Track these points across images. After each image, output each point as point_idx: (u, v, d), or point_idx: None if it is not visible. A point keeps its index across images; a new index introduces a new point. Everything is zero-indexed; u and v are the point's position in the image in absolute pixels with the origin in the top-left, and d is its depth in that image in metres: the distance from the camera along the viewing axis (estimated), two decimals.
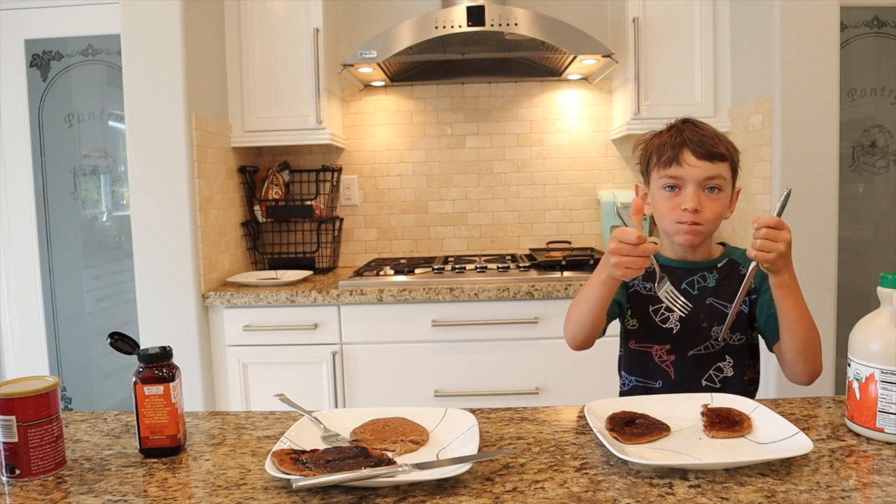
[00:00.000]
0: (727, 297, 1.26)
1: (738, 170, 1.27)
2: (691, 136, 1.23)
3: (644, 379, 1.30)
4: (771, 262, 1.08)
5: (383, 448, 0.94)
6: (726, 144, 1.25)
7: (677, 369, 1.27)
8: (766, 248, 1.07)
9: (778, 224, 1.08)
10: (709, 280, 1.29)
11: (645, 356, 1.30)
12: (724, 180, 1.23)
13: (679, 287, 1.27)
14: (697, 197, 1.22)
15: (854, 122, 2.50)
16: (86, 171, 2.70)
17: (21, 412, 0.88)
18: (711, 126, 1.29)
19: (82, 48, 2.65)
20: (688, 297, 1.26)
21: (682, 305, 1.15)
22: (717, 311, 1.26)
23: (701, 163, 1.21)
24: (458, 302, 2.26)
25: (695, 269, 1.29)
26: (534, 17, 2.34)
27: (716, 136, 1.25)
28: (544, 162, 2.93)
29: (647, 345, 1.30)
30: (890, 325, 0.93)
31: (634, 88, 2.51)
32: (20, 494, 0.85)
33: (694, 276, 1.29)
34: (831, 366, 2.22)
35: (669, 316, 1.28)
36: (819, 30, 2.16)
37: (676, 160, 1.23)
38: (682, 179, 1.23)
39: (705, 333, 1.26)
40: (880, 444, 0.92)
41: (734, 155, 1.26)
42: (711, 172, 1.22)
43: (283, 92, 2.55)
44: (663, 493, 0.78)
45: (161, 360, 0.97)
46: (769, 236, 1.07)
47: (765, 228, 1.07)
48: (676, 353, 1.27)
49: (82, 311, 2.72)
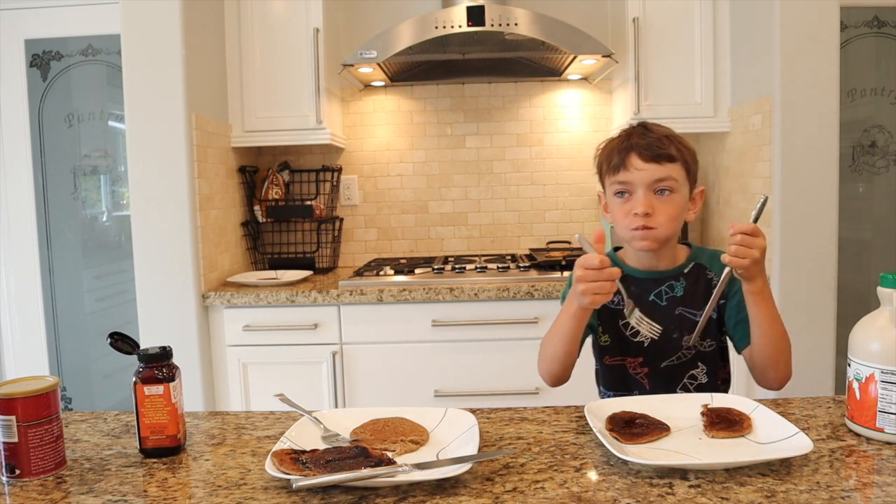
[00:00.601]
0: (696, 304, 1.25)
1: (693, 170, 1.25)
2: (638, 140, 1.21)
3: (622, 392, 1.30)
4: (745, 269, 1.07)
5: (383, 448, 0.94)
6: (677, 145, 1.22)
7: (652, 381, 1.27)
8: (741, 255, 1.06)
9: (754, 231, 1.06)
10: (676, 289, 1.27)
11: (620, 370, 1.30)
12: (676, 181, 1.20)
13: (647, 299, 1.27)
14: (648, 200, 1.19)
15: (854, 122, 2.50)
16: (86, 171, 2.70)
17: (21, 412, 0.88)
18: (666, 128, 1.26)
19: (82, 48, 2.65)
20: (656, 308, 1.25)
21: (648, 329, 1.15)
22: (687, 321, 1.25)
23: (648, 165, 1.19)
24: (458, 302, 2.26)
25: (661, 278, 1.28)
26: (534, 17, 2.34)
27: (666, 137, 1.22)
28: (544, 162, 2.93)
29: (621, 358, 1.29)
30: (890, 325, 0.93)
31: (634, 88, 2.51)
32: (20, 494, 0.85)
33: (661, 286, 1.27)
34: (831, 366, 2.22)
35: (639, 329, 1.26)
36: (819, 30, 2.16)
37: (624, 165, 1.21)
38: (632, 184, 1.21)
39: (676, 344, 1.25)
40: (880, 444, 0.92)
41: (686, 155, 1.23)
42: (660, 174, 1.19)
43: (283, 92, 2.55)
44: (663, 493, 0.78)
45: (161, 360, 0.97)
46: (745, 242, 1.06)
47: (740, 235, 1.06)
48: (650, 366, 1.27)
49: (82, 311, 2.72)
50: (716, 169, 2.75)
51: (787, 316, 2.23)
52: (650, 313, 1.24)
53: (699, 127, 2.60)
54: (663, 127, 1.26)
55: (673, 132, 1.25)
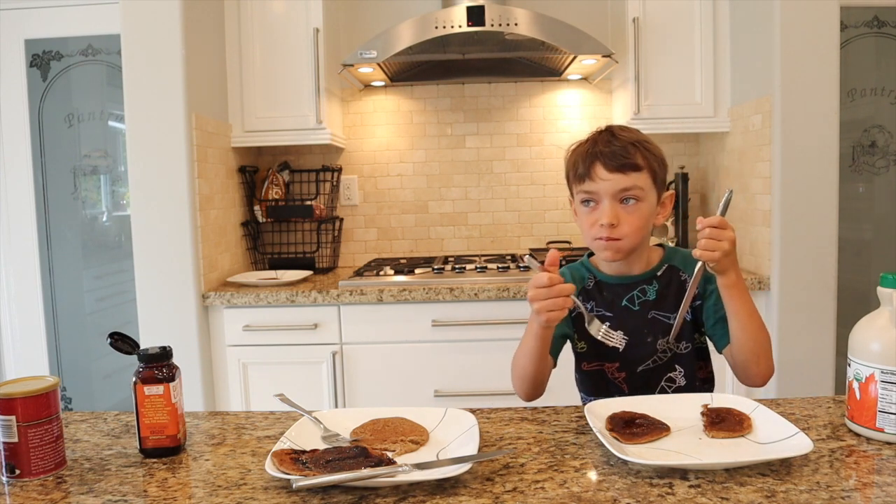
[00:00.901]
0: (669, 307, 1.24)
1: (660, 175, 1.23)
2: (603, 148, 1.19)
3: (602, 396, 1.26)
4: (716, 262, 1.07)
5: (383, 448, 0.94)
6: (644, 152, 1.20)
7: (630, 385, 1.26)
8: (711, 248, 1.06)
9: (721, 223, 1.06)
10: (649, 293, 1.26)
11: (599, 375, 1.29)
12: (642, 190, 1.19)
13: (619, 304, 1.26)
14: (613, 211, 1.18)
15: (854, 122, 2.50)
16: (86, 171, 2.70)
17: (21, 412, 0.88)
18: (633, 132, 1.23)
19: (82, 48, 2.65)
20: (629, 313, 1.25)
21: (619, 340, 1.13)
22: (661, 324, 1.24)
23: (613, 175, 1.17)
24: (458, 302, 2.26)
25: (633, 283, 1.27)
26: (534, 17, 2.34)
27: (632, 144, 1.19)
28: (544, 162, 2.93)
29: (599, 364, 1.29)
30: (890, 325, 0.93)
31: (634, 88, 2.51)
32: (20, 494, 0.85)
33: (633, 291, 1.27)
34: (831, 366, 2.22)
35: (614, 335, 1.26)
36: (819, 30, 2.17)
37: (588, 174, 1.19)
38: (597, 194, 1.20)
39: (651, 348, 1.24)
40: (880, 444, 0.92)
41: (653, 162, 1.20)
42: (625, 184, 1.17)
43: (283, 92, 2.55)
44: (663, 493, 0.78)
45: (161, 360, 0.97)
46: (713, 235, 1.06)
47: (708, 228, 1.06)
48: (626, 370, 1.26)
49: (82, 311, 2.72)
50: (716, 169, 2.75)
51: (787, 316, 2.25)
52: (623, 318, 1.25)
53: (699, 127, 2.60)
54: (631, 131, 1.23)
55: (640, 137, 1.22)
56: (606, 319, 1.25)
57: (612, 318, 1.26)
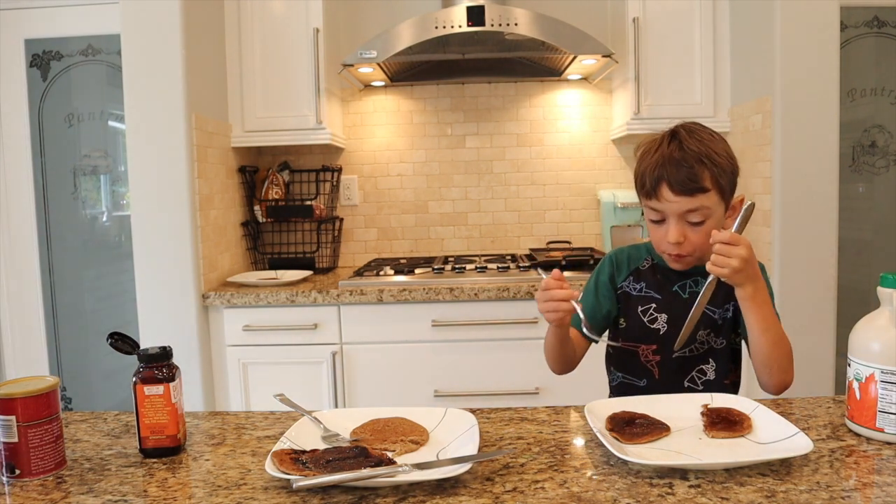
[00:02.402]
0: (715, 301, 1.25)
1: (729, 188, 1.20)
2: (669, 168, 1.16)
3: (630, 377, 1.31)
4: (726, 277, 1.08)
5: (383, 448, 0.94)
6: (711, 169, 1.16)
7: (662, 369, 1.28)
8: (720, 264, 1.07)
9: (732, 240, 1.06)
10: (700, 285, 1.22)
11: (632, 354, 1.31)
12: (709, 209, 1.17)
13: (670, 289, 1.28)
14: (679, 230, 1.18)
15: (854, 122, 2.50)
16: (86, 171, 2.70)
17: (21, 412, 0.88)
18: (702, 142, 1.18)
19: (82, 48, 2.65)
20: (676, 299, 1.27)
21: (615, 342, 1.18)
22: (705, 316, 1.25)
23: (679, 198, 1.16)
24: (458, 302, 2.26)
25: (689, 272, 1.28)
26: (534, 17, 2.34)
27: (699, 160, 1.15)
28: (544, 162, 2.93)
29: (635, 344, 1.30)
30: (890, 325, 0.93)
31: (634, 88, 2.51)
32: (20, 494, 0.85)
33: (687, 279, 1.28)
34: (831, 366, 2.22)
35: (658, 316, 1.28)
36: (819, 30, 2.17)
37: (655, 194, 1.18)
38: (663, 212, 1.20)
39: (691, 337, 1.25)
40: (880, 444, 0.92)
41: (721, 178, 1.17)
42: (691, 206, 1.16)
43: (283, 92, 2.55)
44: (663, 493, 0.78)
45: (161, 360, 0.97)
46: (722, 252, 1.06)
47: (718, 244, 1.06)
48: (662, 354, 1.28)
49: (82, 310, 2.72)
50: None
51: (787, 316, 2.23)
52: (669, 303, 1.28)
53: None
54: (700, 138, 1.19)
55: (709, 150, 1.17)
56: (653, 301, 1.29)
57: (660, 301, 1.29)
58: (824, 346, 2.21)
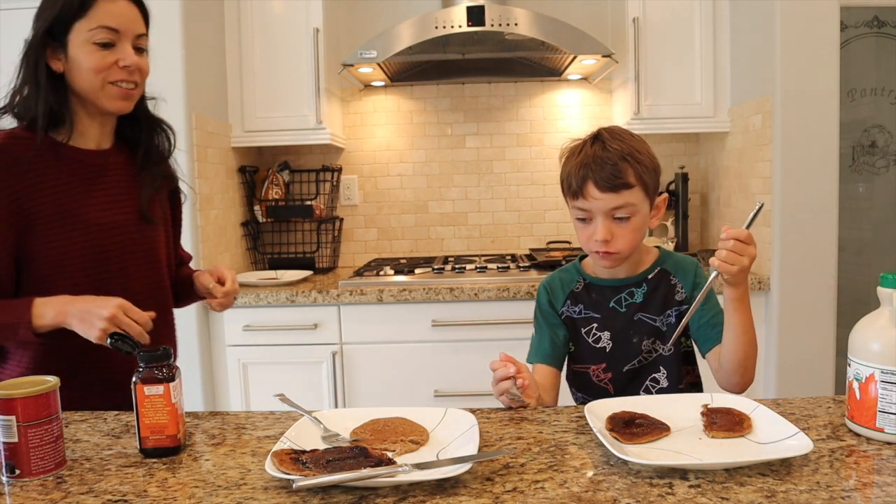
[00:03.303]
0: (654, 310, 1.27)
1: (652, 185, 1.22)
2: (594, 167, 1.18)
3: (589, 396, 1.31)
4: (733, 275, 1.07)
5: (383, 448, 0.94)
6: (635, 166, 1.18)
7: (615, 385, 1.29)
8: (732, 261, 1.05)
9: (747, 238, 1.05)
10: (636, 296, 1.28)
11: (584, 376, 1.32)
12: (634, 206, 1.19)
13: (607, 305, 1.29)
14: (606, 228, 1.19)
15: (854, 122, 2.50)
16: None
17: (21, 412, 0.88)
18: (624, 142, 1.21)
19: None
20: (615, 315, 1.28)
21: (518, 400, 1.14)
22: (647, 326, 1.26)
23: (604, 195, 1.18)
24: (458, 302, 2.26)
25: (622, 286, 1.29)
26: (534, 17, 2.34)
27: (622, 158, 1.18)
28: (544, 162, 2.93)
29: (585, 366, 1.31)
30: (890, 325, 0.93)
31: (634, 88, 2.51)
32: (20, 494, 0.85)
33: (621, 293, 1.29)
34: (831, 366, 2.22)
35: (601, 335, 1.29)
36: (819, 30, 2.17)
37: (581, 193, 1.20)
38: (590, 211, 1.20)
39: (636, 349, 1.26)
40: (880, 444, 0.92)
41: (645, 175, 1.20)
42: (617, 203, 1.18)
43: (283, 92, 2.55)
44: (663, 493, 0.78)
45: (161, 360, 0.97)
46: (737, 249, 1.05)
47: (734, 241, 1.05)
48: (612, 371, 1.28)
49: None
50: (716, 169, 2.75)
51: (787, 316, 2.25)
52: (610, 320, 1.29)
53: (699, 127, 2.60)
54: (622, 139, 1.22)
55: (631, 148, 1.20)
56: (594, 321, 1.30)
57: (600, 320, 1.29)
58: (824, 346, 2.21)
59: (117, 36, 1.22)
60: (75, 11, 1.20)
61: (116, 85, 1.23)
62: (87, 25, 1.20)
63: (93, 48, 1.21)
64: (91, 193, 1.27)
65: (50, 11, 1.23)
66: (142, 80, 1.28)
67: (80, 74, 1.22)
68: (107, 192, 1.29)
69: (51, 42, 1.23)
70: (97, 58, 1.21)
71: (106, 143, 1.33)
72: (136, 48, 1.25)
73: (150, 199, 1.35)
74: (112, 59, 1.21)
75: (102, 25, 1.20)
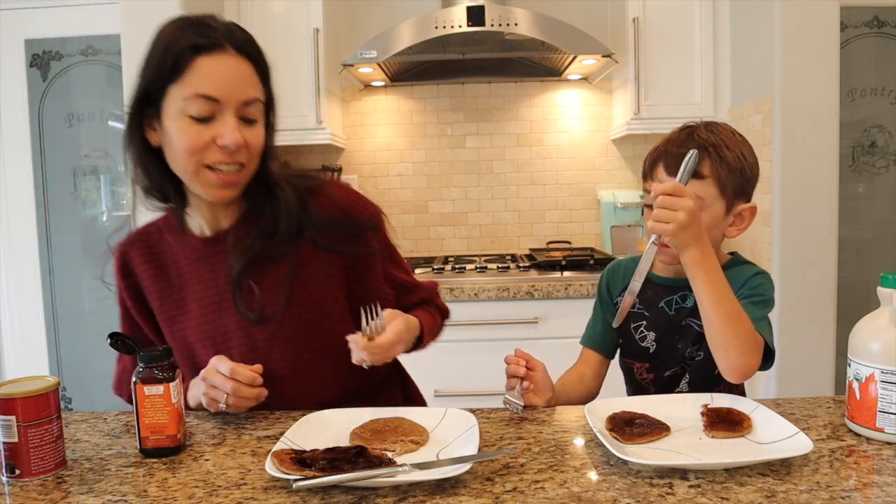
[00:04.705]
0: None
1: (731, 185, 1.12)
2: (670, 149, 1.11)
3: (633, 391, 1.29)
4: (672, 235, 0.96)
5: (383, 448, 0.94)
6: (714, 159, 1.09)
7: (656, 386, 1.24)
8: (664, 219, 0.95)
9: (676, 190, 0.95)
10: (688, 300, 1.19)
11: (630, 371, 1.29)
12: (702, 199, 1.09)
13: (657, 305, 1.22)
14: None
15: (854, 122, 2.50)
16: (86, 171, 2.70)
17: (21, 412, 0.88)
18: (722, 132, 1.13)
19: (82, 48, 2.65)
20: (663, 316, 1.21)
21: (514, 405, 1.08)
22: (693, 332, 1.18)
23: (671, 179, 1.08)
24: (457, 302, 2.26)
25: (676, 287, 1.20)
26: (534, 17, 2.34)
27: (704, 147, 1.08)
28: (544, 162, 2.93)
29: (630, 361, 1.28)
30: (890, 325, 0.93)
31: (634, 88, 2.51)
32: (20, 494, 0.85)
33: (674, 295, 1.21)
34: (831, 366, 2.22)
35: (647, 335, 1.23)
36: (819, 30, 2.17)
37: (650, 174, 1.13)
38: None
39: (680, 354, 1.20)
40: (880, 444, 0.92)
41: (722, 171, 1.10)
42: None
43: (283, 92, 2.52)
44: (663, 493, 0.78)
45: (161, 360, 0.97)
46: (666, 204, 0.94)
47: (661, 196, 0.94)
48: (654, 372, 1.24)
49: (82, 311, 2.72)
50: None
51: (788, 316, 2.24)
52: (657, 321, 1.22)
53: None
54: (717, 132, 1.13)
55: (720, 140, 1.11)
56: (643, 318, 1.23)
57: (649, 319, 1.23)
58: (824, 346, 2.21)
59: (217, 106, 1.00)
60: (167, 74, 0.99)
61: (213, 169, 1.01)
62: (181, 92, 0.99)
63: (186, 122, 0.99)
64: (191, 294, 1.10)
65: (146, 70, 1.02)
66: (250, 159, 1.06)
67: (173, 153, 1.01)
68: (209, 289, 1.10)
69: (146, 109, 1.02)
70: (190, 135, 0.99)
71: (224, 223, 1.12)
72: (244, 119, 1.05)
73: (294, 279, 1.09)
74: (208, 136, 0.99)
75: (198, 94, 0.98)
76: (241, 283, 1.08)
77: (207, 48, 1.00)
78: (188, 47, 0.99)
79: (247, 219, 1.11)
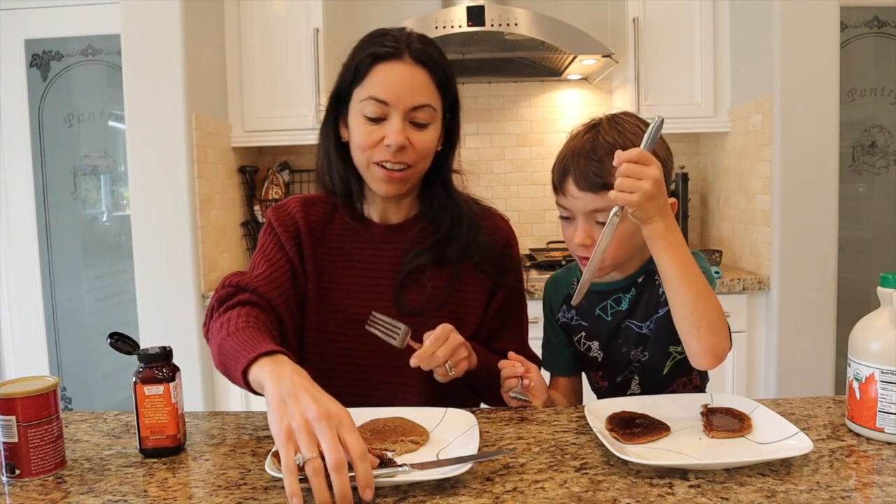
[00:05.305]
0: (640, 316, 1.14)
1: None
2: (577, 161, 1.05)
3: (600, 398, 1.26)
4: (636, 206, 0.89)
5: (383, 448, 0.94)
6: None
7: (613, 394, 1.21)
8: (628, 188, 0.88)
9: (641, 157, 0.88)
10: (623, 303, 1.16)
11: (589, 381, 1.28)
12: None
13: (593, 313, 1.18)
14: (585, 231, 1.06)
15: (854, 122, 2.50)
16: (86, 171, 2.70)
17: (21, 412, 0.88)
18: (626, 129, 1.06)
19: (82, 48, 2.65)
20: (601, 323, 1.18)
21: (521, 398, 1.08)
22: (633, 334, 1.15)
23: (584, 195, 1.04)
24: None
25: (608, 291, 1.17)
26: (534, 17, 2.34)
27: (611, 153, 0.93)
28: (544, 162, 2.93)
29: (586, 372, 1.27)
30: (890, 325, 0.93)
31: (634, 88, 2.51)
32: (20, 494, 0.85)
33: (607, 300, 1.17)
34: (831, 366, 2.22)
35: (590, 345, 1.20)
36: (819, 30, 2.17)
37: (561, 189, 1.08)
38: (570, 210, 1.08)
39: (626, 358, 1.17)
40: (880, 444, 0.92)
41: None
42: (598, 204, 1.03)
43: (283, 92, 2.55)
44: (663, 493, 0.78)
45: (161, 360, 0.97)
46: (630, 173, 0.88)
47: (625, 163, 0.88)
48: (608, 380, 1.22)
49: (82, 311, 2.72)
50: (716, 169, 2.75)
51: (787, 316, 2.24)
52: (597, 329, 1.19)
53: (699, 127, 2.60)
54: (621, 131, 1.07)
55: (630, 141, 1.03)
56: (582, 329, 1.21)
57: (587, 328, 1.20)
58: (824, 346, 2.21)
59: (387, 109, 1.08)
60: (352, 78, 1.10)
61: (381, 166, 1.09)
62: (361, 94, 1.09)
63: (362, 121, 1.09)
64: (345, 269, 1.16)
65: (341, 73, 1.13)
66: (416, 161, 1.10)
67: (353, 148, 1.12)
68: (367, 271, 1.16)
69: (340, 108, 1.14)
70: (363, 133, 1.09)
71: (394, 218, 1.19)
72: (413, 122, 1.09)
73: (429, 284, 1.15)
74: (378, 135, 1.08)
75: (371, 96, 1.07)
76: (410, 276, 1.16)
77: (385, 57, 1.09)
78: (369, 55, 1.09)
79: (419, 219, 1.20)
